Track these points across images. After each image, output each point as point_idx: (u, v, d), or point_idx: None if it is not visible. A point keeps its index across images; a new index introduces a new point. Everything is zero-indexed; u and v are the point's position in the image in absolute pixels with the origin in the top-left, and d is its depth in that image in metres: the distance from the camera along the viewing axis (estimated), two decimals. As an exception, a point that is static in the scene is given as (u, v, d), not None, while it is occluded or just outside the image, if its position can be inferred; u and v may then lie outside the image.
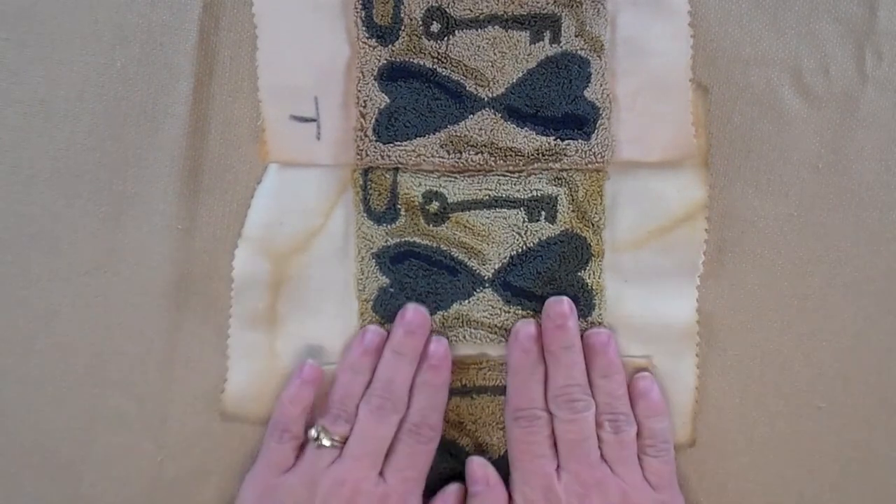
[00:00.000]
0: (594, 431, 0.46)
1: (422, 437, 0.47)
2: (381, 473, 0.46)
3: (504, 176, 0.48)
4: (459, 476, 0.49)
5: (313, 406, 0.48)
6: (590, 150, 0.47)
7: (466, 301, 0.48)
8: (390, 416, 0.46)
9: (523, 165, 0.48)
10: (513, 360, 0.48)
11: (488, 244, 0.48)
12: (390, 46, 0.47)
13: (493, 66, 0.47)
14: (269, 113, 0.48)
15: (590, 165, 0.47)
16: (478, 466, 0.48)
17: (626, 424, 0.46)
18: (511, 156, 0.47)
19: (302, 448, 0.48)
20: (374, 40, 0.47)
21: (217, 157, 0.49)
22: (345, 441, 0.47)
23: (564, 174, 0.48)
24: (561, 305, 0.47)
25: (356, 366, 0.48)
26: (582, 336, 0.48)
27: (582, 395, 0.46)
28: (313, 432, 0.47)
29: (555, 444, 0.47)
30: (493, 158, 0.47)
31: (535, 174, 0.48)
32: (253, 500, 0.47)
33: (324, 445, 0.47)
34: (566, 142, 0.47)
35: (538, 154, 0.47)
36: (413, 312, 0.48)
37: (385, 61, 0.47)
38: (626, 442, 0.46)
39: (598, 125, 0.47)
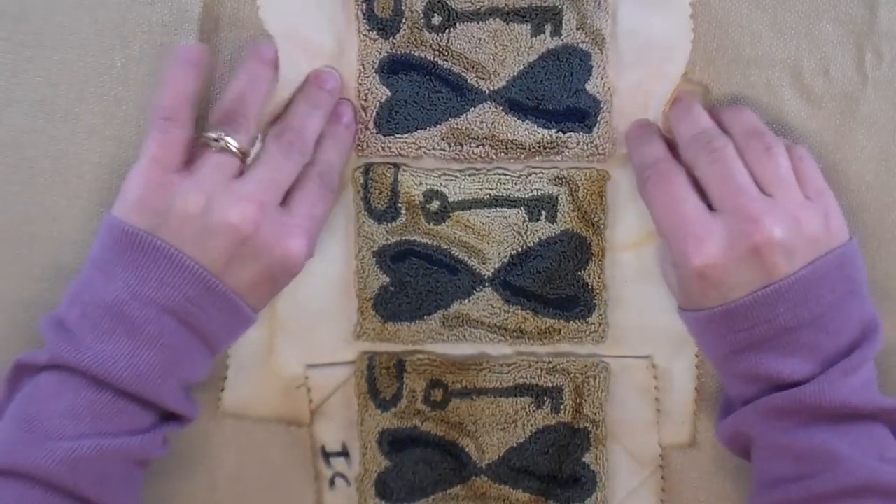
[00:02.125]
0: (742, 165, 0.43)
1: (327, 183, 0.45)
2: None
3: (505, 175, 0.48)
4: (459, 476, 0.49)
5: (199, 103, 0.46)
6: (591, 142, 0.47)
7: (466, 300, 0.48)
8: (297, 156, 0.44)
9: (524, 158, 0.48)
10: (629, 134, 0.47)
11: (489, 243, 0.48)
12: (391, 39, 0.47)
13: (494, 59, 0.47)
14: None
15: (591, 158, 0.47)
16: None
17: (775, 145, 0.44)
18: (512, 148, 0.47)
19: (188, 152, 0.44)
20: (375, 33, 0.47)
21: (217, 157, 0.49)
22: (244, 157, 0.44)
23: (565, 174, 0.48)
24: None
25: (255, 74, 0.45)
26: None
27: (717, 134, 0.44)
28: (212, 134, 0.43)
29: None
30: (494, 151, 0.47)
31: (536, 173, 0.48)
32: (136, 198, 0.43)
33: (229, 150, 0.43)
34: (567, 135, 0.47)
35: (539, 147, 0.47)
36: (325, 74, 0.47)
37: (386, 54, 0.47)
38: (779, 163, 0.43)
39: (599, 118, 0.47)
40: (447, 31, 0.47)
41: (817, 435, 0.41)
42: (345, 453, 0.50)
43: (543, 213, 0.48)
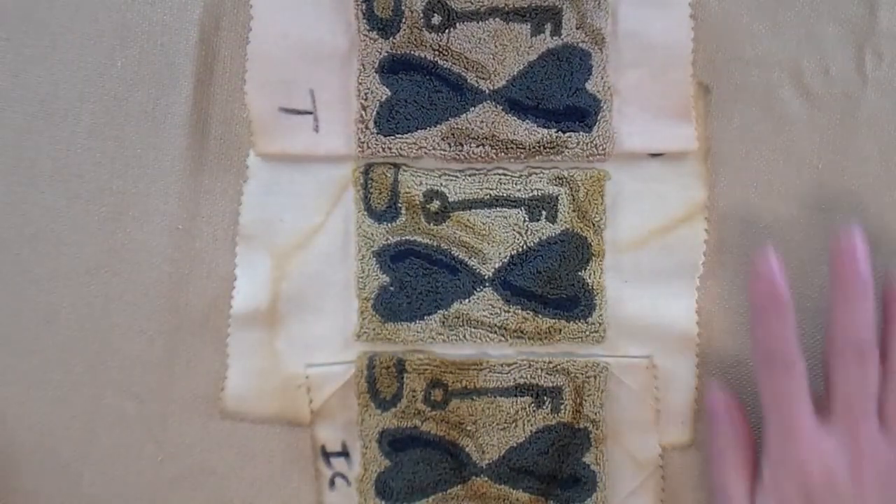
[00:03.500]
0: (877, 390, 0.42)
1: None
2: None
3: (505, 175, 0.48)
4: (459, 476, 0.49)
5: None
6: (591, 142, 0.47)
7: (466, 300, 0.48)
8: None
9: (525, 158, 0.48)
10: (757, 296, 0.44)
11: (489, 243, 0.48)
12: (391, 39, 0.47)
13: (494, 59, 0.47)
14: (254, 105, 0.48)
15: (591, 158, 0.48)
16: (723, 400, 0.45)
17: None
18: (512, 148, 0.47)
19: None
20: (374, 33, 0.47)
21: (217, 157, 0.49)
22: None
23: (565, 174, 0.48)
24: (851, 241, 0.43)
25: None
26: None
27: (872, 348, 0.42)
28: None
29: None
30: (494, 151, 0.48)
31: (536, 173, 0.48)
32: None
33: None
34: (567, 134, 0.47)
35: (539, 146, 0.47)
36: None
37: (386, 54, 0.47)
38: None
39: (599, 117, 0.47)
40: (447, 30, 0.47)
41: None
42: (345, 453, 0.50)
43: (544, 213, 0.48)
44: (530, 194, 0.48)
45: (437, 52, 0.47)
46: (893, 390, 0.43)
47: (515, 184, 0.48)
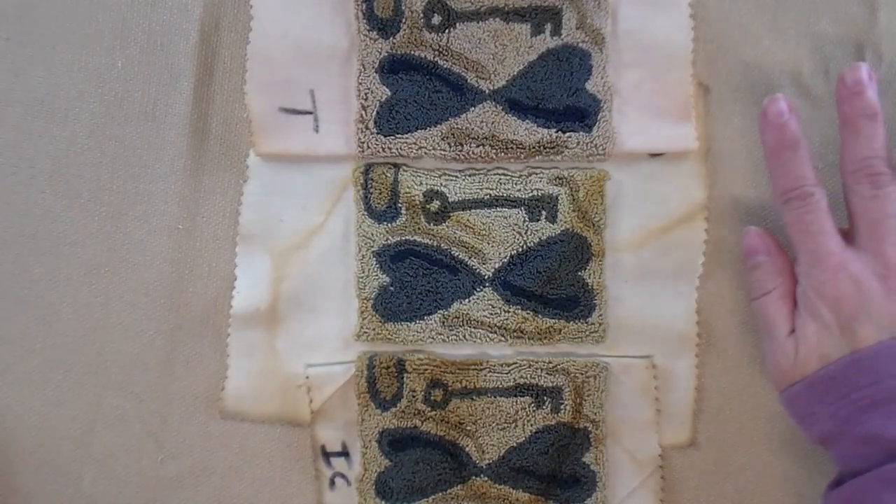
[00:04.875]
0: None
1: None
2: None
3: (505, 175, 0.48)
4: (459, 476, 0.49)
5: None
6: (591, 142, 0.47)
7: (466, 300, 0.48)
8: None
9: (524, 158, 0.48)
10: (768, 140, 0.45)
11: (489, 243, 0.48)
12: (391, 39, 0.47)
13: (494, 59, 0.47)
14: (254, 106, 0.48)
15: (591, 158, 0.48)
16: (756, 236, 0.45)
17: None
18: (512, 148, 0.47)
19: None
20: (375, 33, 0.47)
21: (217, 157, 0.49)
22: None
23: (565, 174, 0.48)
24: (858, 72, 0.43)
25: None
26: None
27: (885, 168, 0.42)
28: None
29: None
30: (494, 151, 0.48)
31: (536, 173, 0.48)
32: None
33: None
34: (567, 134, 0.47)
35: (539, 146, 0.47)
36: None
37: (386, 54, 0.47)
38: None
39: (599, 117, 0.47)
40: (447, 30, 0.47)
41: None
42: (345, 453, 0.50)
43: (543, 213, 0.48)
44: (530, 194, 0.48)
45: (437, 52, 0.47)
46: None
47: (515, 184, 0.48)
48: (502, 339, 0.49)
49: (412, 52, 0.47)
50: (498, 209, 0.48)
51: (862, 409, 0.41)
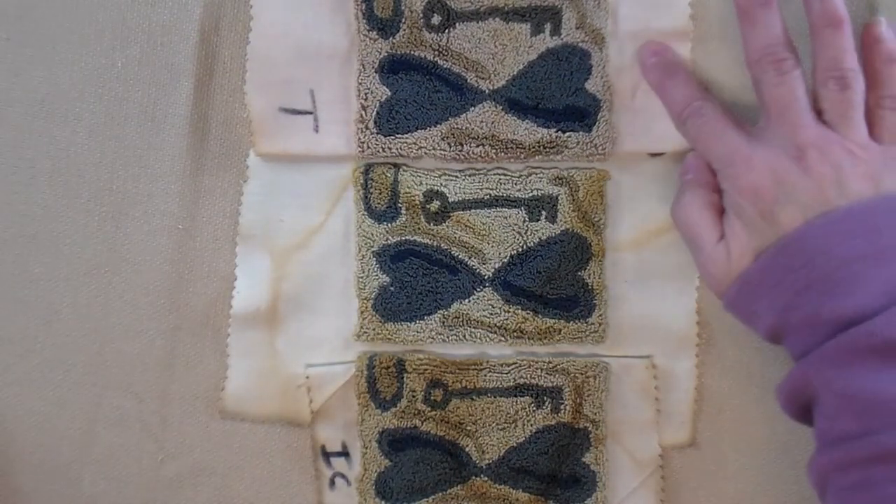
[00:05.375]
0: (804, 92, 0.42)
1: None
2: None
3: (505, 175, 0.48)
4: (459, 476, 0.49)
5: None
6: (591, 142, 0.47)
7: (466, 300, 0.48)
8: None
9: (524, 158, 0.48)
10: (643, 56, 0.46)
11: (489, 243, 0.48)
12: (391, 39, 0.47)
13: (493, 59, 0.47)
14: (254, 105, 0.48)
15: (591, 158, 0.47)
16: (690, 157, 0.45)
17: (853, 80, 0.42)
18: (512, 148, 0.47)
19: None
20: (374, 33, 0.47)
21: (217, 157, 0.49)
22: None
23: (565, 174, 0.48)
24: None
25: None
26: None
27: (787, 53, 0.43)
28: None
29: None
30: (494, 151, 0.48)
31: (536, 173, 0.48)
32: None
33: None
34: (567, 134, 0.47)
35: (539, 146, 0.47)
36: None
37: (386, 54, 0.47)
38: (851, 101, 0.42)
39: (599, 117, 0.47)
40: (447, 30, 0.47)
41: (888, 383, 0.38)
42: (345, 453, 0.50)
43: (543, 213, 0.48)
44: (530, 194, 0.48)
45: (437, 52, 0.47)
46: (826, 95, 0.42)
47: (515, 184, 0.48)
48: (502, 339, 0.49)
49: (412, 52, 0.47)
50: (498, 209, 0.48)
51: (798, 293, 0.40)
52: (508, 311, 0.48)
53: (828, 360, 0.40)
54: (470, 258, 0.48)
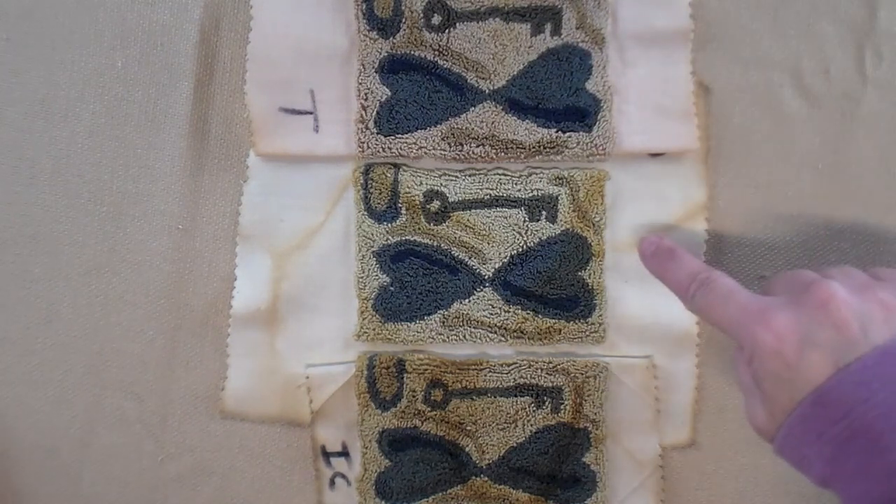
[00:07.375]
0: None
1: None
2: None
3: (505, 175, 0.48)
4: (459, 476, 0.49)
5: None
6: (591, 142, 0.47)
7: (466, 300, 0.48)
8: None
9: (525, 158, 0.48)
10: (645, 256, 0.47)
11: (489, 243, 0.48)
12: (391, 39, 0.47)
13: (494, 59, 0.47)
14: (254, 105, 0.48)
15: (591, 158, 0.48)
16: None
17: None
18: (512, 148, 0.47)
19: None
20: (375, 33, 0.47)
21: (217, 157, 0.49)
22: None
23: (565, 174, 0.48)
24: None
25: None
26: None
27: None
28: None
29: None
30: (494, 151, 0.48)
31: (536, 173, 0.48)
32: None
33: None
34: (567, 134, 0.47)
35: (539, 146, 0.47)
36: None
37: (386, 54, 0.47)
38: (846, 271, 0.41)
39: (599, 117, 0.47)
40: (447, 30, 0.47)
41: None
42: (345, 453, 0.50)
43: (543, 213, 0.48)
44: (530, 194, 0.48)
45: (437, 52, 0.47)
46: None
47: (515, 184, 0.48)
48: (502, 339, 0.49)
49: (412, 52, 0.47)
50: (498, 209, 0.48)
51: (842, 444, 0.38)
52: (508, 311, 0.48)
53: None
54: (470, 258, 0.48)
